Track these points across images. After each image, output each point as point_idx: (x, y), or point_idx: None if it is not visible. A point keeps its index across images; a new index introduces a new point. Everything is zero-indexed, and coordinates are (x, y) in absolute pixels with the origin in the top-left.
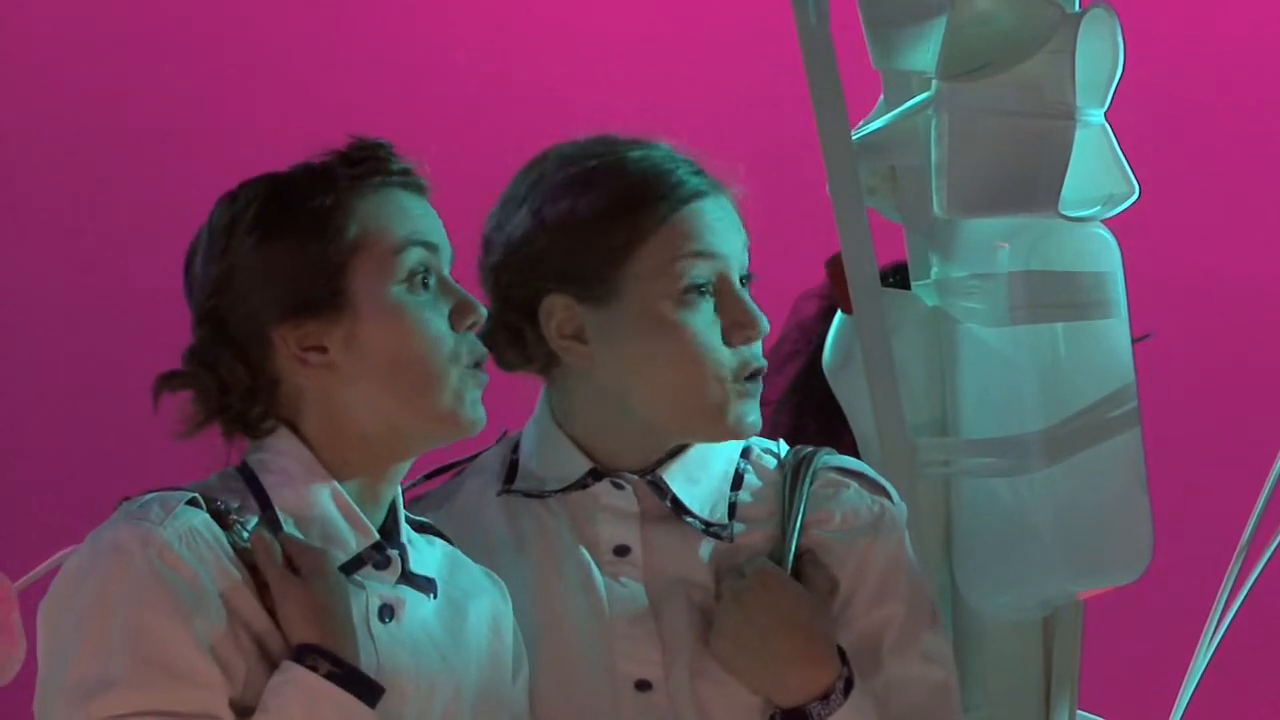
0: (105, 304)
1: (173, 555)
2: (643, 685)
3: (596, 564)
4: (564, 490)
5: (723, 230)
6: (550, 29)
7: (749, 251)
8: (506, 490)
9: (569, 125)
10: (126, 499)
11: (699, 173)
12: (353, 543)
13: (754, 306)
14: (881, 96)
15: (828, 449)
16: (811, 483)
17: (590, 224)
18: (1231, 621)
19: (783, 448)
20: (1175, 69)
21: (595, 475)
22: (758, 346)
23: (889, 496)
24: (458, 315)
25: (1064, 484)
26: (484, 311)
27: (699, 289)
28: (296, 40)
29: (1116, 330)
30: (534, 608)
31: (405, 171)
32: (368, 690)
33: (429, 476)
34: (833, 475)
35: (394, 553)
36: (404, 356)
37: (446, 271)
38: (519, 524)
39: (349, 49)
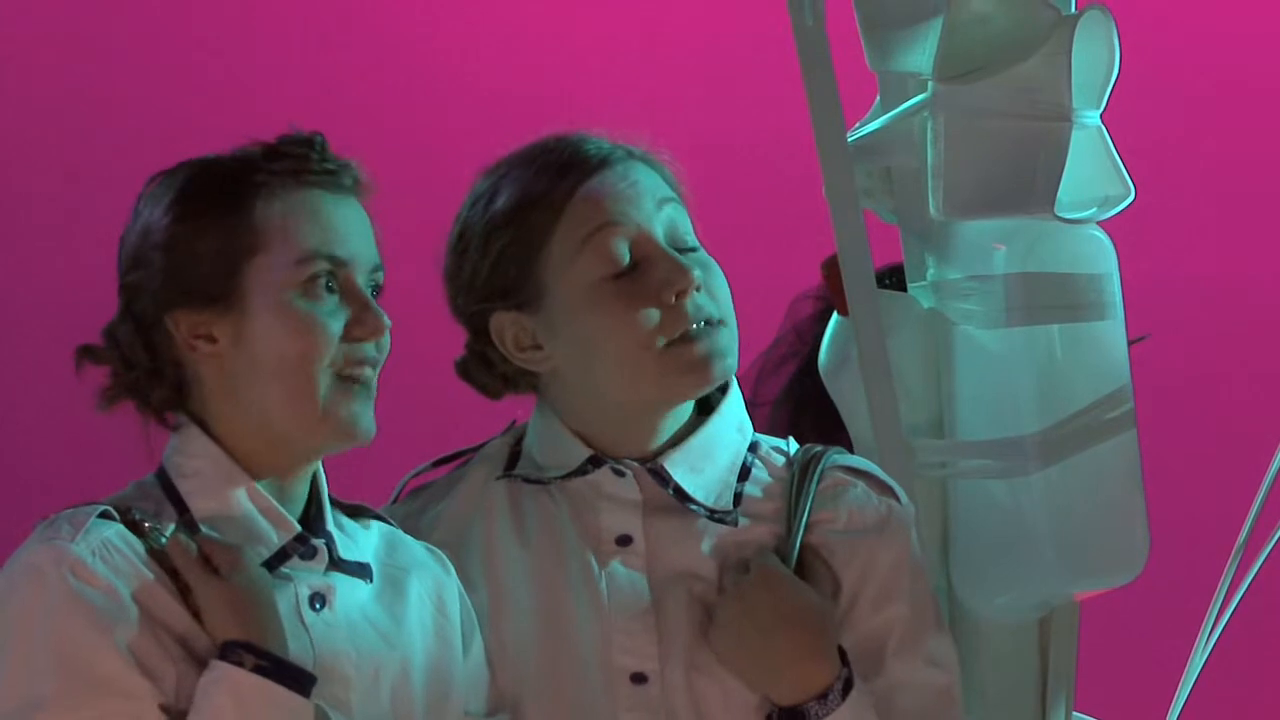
0: (102, 306)
1: (86, 570)
2: (638, 678)
3: (599, 554)
4: (565, 478)
5: (632, 195)
6: (546, 32)
7: (687, 212)
8: (507, 475)
9: (563, 127)
10: (44, 520)
11: (599, 146)
12: (274, 537)
13: (678, 259)
14: (877, 98)
15: (838, 448)
16: (819, 481)
17: (498, 235)
18: (1228, 623)
19: (792, 445)
20: (1171, 70)
21: (595, 462)
22: (700, 299)
23: (896, 497)
24: (354, 325)
25: (1060, 485)
26: (386, 322)
27: (622, 265)
28: (294, 43)
29: (1112, 332)
30: (534, 598)
31: (330, 172)
32: (299, 680)
33: (436, 464)
34: (840, 474)
35: (319, 542)
36: (286, 359)
37: (364, 278)
38: (523, 512)
39: (347, 54)
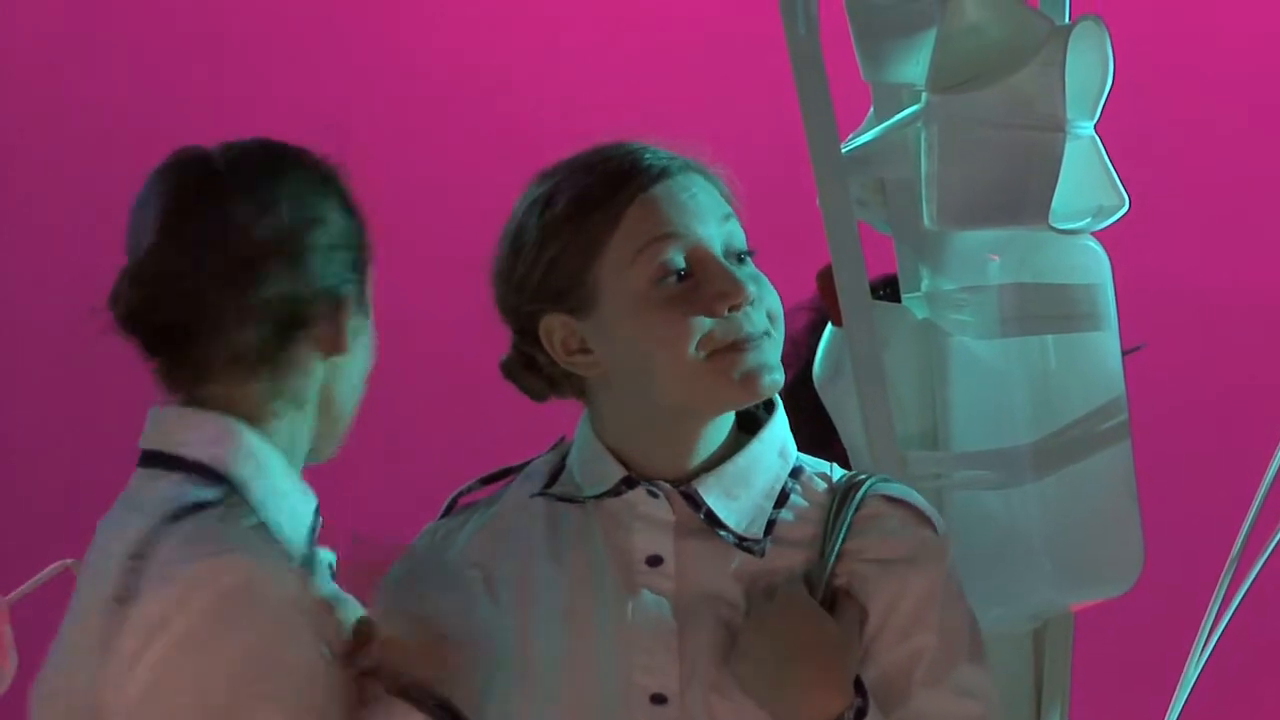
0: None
1: (293, 587)
2: (658, 699)
3: (629, 573)
4: (599, 497)
5: (692, 207)
6: (540, 43)
7: (741, 225)
8: (542, 493)
9: (559, 139)
10: (174, 518)
11: (659, 156)
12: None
13: (734, 273)
14: (871, 109)
15: (882, 475)
16: (857, 510)
17: (555, 238)
18: (1223, 634)
19: (836, 471)
20: (1166, 81)
21: (629, 483)
22: (752, 313)
23: (933, 528)
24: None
25: (1055, 496)
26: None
27: (676, 274)
28: (295, 47)
29: (1107, 342)
30: (563, 614)
31: None
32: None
33: (485, 481)
34: (878, 504)
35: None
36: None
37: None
38: (559, 530)
39: (348, 61)
